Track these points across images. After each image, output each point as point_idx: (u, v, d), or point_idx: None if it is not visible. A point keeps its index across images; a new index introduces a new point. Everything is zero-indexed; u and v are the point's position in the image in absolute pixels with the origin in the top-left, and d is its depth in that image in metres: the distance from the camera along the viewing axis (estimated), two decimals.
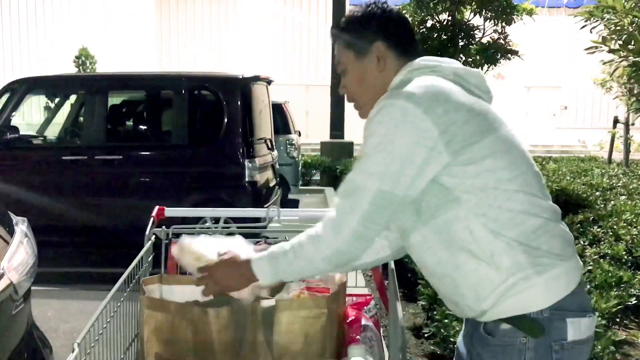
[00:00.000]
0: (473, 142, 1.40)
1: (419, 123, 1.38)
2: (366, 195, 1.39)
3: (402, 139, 1.38)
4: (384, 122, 1.41)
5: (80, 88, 6.58)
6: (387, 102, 1.42)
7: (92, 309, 5.26)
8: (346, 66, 1.60)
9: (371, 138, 1.42)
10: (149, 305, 1.70)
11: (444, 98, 1.42)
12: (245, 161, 6.03)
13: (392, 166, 1.38)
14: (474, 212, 1.39)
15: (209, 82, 6.37)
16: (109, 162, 6.13)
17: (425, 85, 1.44)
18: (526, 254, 1.38)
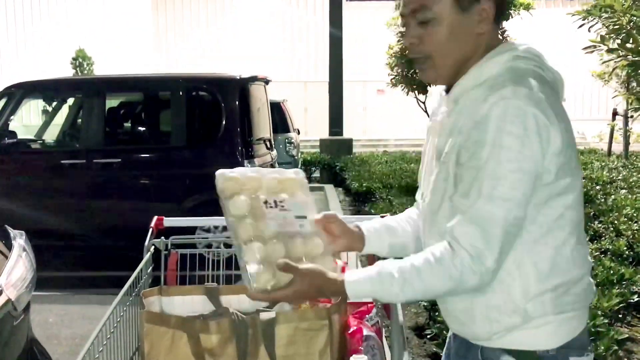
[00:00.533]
0: (570, 171, 1.28)
1: (547, 136, 1.23)
2: (501, 226, 1.22)
3: (535, 153, 1.22)
4: (517, 133, 1.21)
5: (78, 91, 6.57)
6: (516, 104, 1.22)
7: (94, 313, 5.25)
8: (437, 14, 1.31)
9: (501, 152, 1.21)
10: (148, 320, 1.69)
11: (561, 113, 1.29)
12: (245, 161, 6.02)
13: (528, 188, 1.23)
14: (531, 248, 1.28)
15: (207, 83, 6.36)
16: (107, 165, 6.12)
17: (545, 94, 1.26)
18: (555, 303, 1.30)
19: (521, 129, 1.20)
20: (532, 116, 1.21)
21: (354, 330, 1.76)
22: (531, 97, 1.23)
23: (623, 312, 3.74)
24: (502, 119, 1.21)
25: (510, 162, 1.20)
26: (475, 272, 1.23)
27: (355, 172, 9.63)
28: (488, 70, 1.31)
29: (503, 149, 1.21)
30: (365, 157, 11.96)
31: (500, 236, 1.22)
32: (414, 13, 1.34)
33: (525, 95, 1.23)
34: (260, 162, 6.31)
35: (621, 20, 2.49)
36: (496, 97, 1.23)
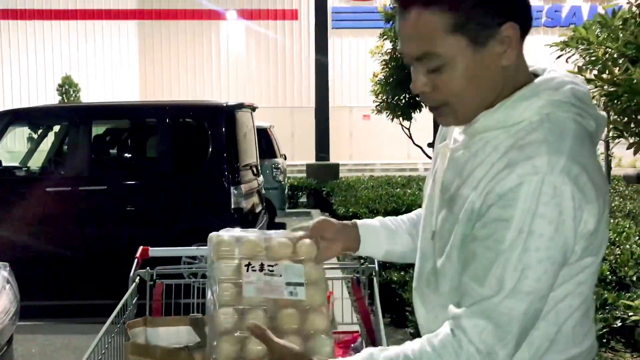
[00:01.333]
0: (597, 249, 1.10)
1: (580, 217, 1.04)
2: (521, 321, 1.05)
3: (569, 241, 1.04)
4: (551, 218, 1.01)
5: (64, 119, 6.58)
6: (551, 180, 1.01)
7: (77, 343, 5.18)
8: (448, 58, 1.07)
9: (531, 239, 1.02)
10: (133, 351, 1.69)
11: (601, 183, 1.08)
12: (231, 188, 6.04)
13: (553, 279, 1.05)
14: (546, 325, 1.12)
15: (193, 111, 6.41)
16: (93, 192, 6.11)
17: (585, 158, 1.05)
18: None
19: (556, 213, 1.01)
20: (570, 197, 1.01)
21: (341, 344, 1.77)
22: (570, 172, 1.02)
23: (607, 337, 3.77)
24: (534, 200, 1.01)
25: (539, 251, 1.02)
26: None
27: (341, 197, 9.67)
28: (518, 114, 1.09)
29: (533, 235, 1.01)
30: (352, 182, 12.01)
31: (517, 332, 1.04)
32: (420, 60, 1.10)
33: (563, 170, 1.01)
34: (247, 188, 6.34)
35: (597, 52, 2.57)
36: (528, 169, 1.02)
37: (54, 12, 22.71)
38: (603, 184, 1.09)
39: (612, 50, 2.48)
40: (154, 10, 23.65)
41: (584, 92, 1.13)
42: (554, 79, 1.12)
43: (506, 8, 1.07)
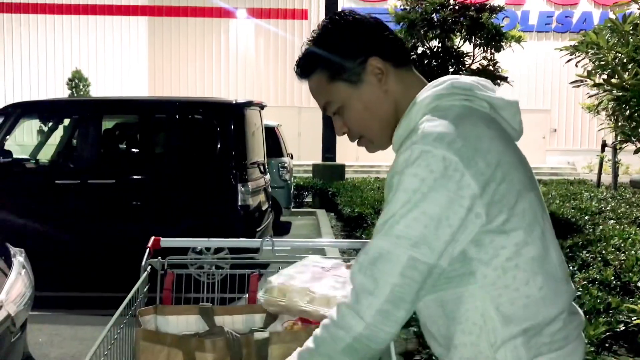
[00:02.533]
0: (508, 206, 1.18)
1: (459, 178, 1.13)
2: (395, 265, 1.13)
3: (440, 196, 1.13)
4: (421, 175, 1.14)
5: (74, 112, 6.63)
6: (424, 148, 1.15)
7: (85, 334, 5.24)
8: (340, 102, 1.32)
9: (401, 193, 1.15)
10: (144, 337, 1.73)
11: (486, 147, 1.18)
12: (238, 185, 6.07)
13: (428, 230, 1.13)
14: (488, 292, 1.18)
15: (203, 108, 6.44)
16: (102, 186, 6.16)
17: (465, 129, 1.18)
18: (527, 347, 1.19)
19: (426, 172, 1.14)
20: (441, 159, 1.14)
21: None
22: (442, 139, 1.15)
23: (610, 341, 3.79)
24: (408, 163, 1.16)
25: (409, 203, 1.14)
26: (357, 311, 1.13)
27: (347, 198, 9.70)
28: (415, 115, 1.26)
29: (406, 191, 1.14)
30: (358, 183, 12.05)
31: (392, 275, 1.13)
32: (327, 110, 1.35)
33: (436, 138, 1.15)
34: (254, 186, 6.37)
35: (607, 57, 2.59)
36: (408, 143, 1.19)
37: (65, 6, 22.84)
38: (492, 150, 1.18)
39: (622, 55, 2.50)
40: (165, 6, 23.74)
41: (466, 82, 1.28)
42: (437, 80, 1.29)
43: (361, 49, 1.29)
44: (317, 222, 10.06)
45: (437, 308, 1.22)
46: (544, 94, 24.01)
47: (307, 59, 1.33)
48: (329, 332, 1.17)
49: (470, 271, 1.18)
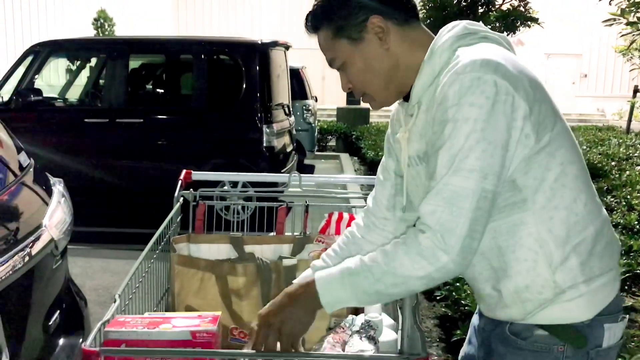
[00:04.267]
0: (549, 126, 1.21)
1: (512, 101, 1.15)
2: (471, 200, 1.14)
3: (499, 122, 1.15)
4: (478, 102, 1.14)
5: (102, 51, 6.67)
6: (474, 75, 1.15)
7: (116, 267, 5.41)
8: (343, 59, 1.35)
9: (462, 124, 1.15)
10: (179, 262, 1.83)
11: (525, 70, 1.22)
12: (264, 126, 6.12)
13: (494, 159, 1.15)
14: (540, 216, 1.22)
15: (229, 47, 6.43)
16: (129, 125, 6.25)
17: (502, 54, 1.21)
18: (582, 264, 1.24)
19: (482, 98, 1.14)
20: (493, 84, 1.15)
21: None
22: (488, 65, 1.16)
23: (629, 283, 3.84)
24: (461, 92, 1.16)
25: (474, 133, 1.14)
26: (444, 249, 1.14)
27: (371, 141, 9.70)
28: (439, 60, 1.26)
29: (467, 122, 1.15)
30: (382, 127, 12.00)
31: (469, 210, 1.14)
32: (333, 65, 1.39)
33: (482, 64, 1.16)
34: (279, 128, 6.41)
35: None
36: (452, 77, 1.18)
37: None
38: (524, 71, 1.21)
39: None
40: None
41: (476, 24, 1.32)
42: (446, 27, 1.32)
43: (362, 7, 1.30)
44: (340, 166, 10.12)
45: (490, 240, 1.25)
46: (575, 37, 23.30)
47: (314, 15, 1.38)
48: (402, 264, 1.17)
49: (521, 199, 1.22)
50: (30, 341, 1.77)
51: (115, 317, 1.36)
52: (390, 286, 1.20)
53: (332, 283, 1.24)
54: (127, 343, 1.26)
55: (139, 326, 1.30)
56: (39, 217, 1.86)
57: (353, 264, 1.23)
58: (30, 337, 1.77)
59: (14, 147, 2.01)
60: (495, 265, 1.28)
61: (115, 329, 1.28)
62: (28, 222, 1.81)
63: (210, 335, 1.27)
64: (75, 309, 2.09)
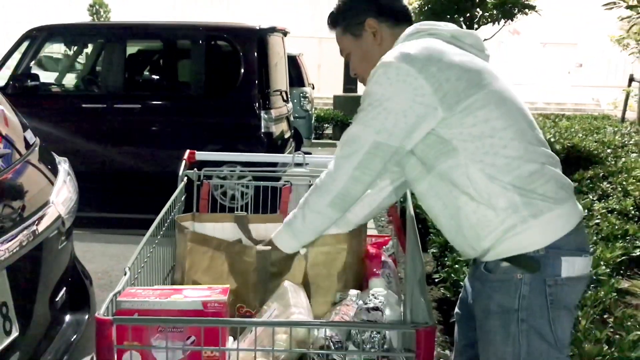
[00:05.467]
0: (467, 96, 1.49)
1: (412, 81, 1.48)
2: (363, 145, 1.53)
3: (397, 96, 1.49)
4: (380, 81, 1.52)
5: (100, 37, 6.64)
6: (381, 64, 1.53)
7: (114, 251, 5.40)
8: (348, 50, 1.75)
9: (368, 97, 1.54)
10: (192, 239, 1.84)
11: (437, 57, 1.51)
12: (262, 112, 6.12)
13: (387, 121, 1.50)
14: (471, 159, 1.49)
15: (227, 33, 6.41)
16: (127, 110, 6.24)
17: (420, 47, 1.53)
18: (521, 196, 1.48)
19: (384, 79, 1.51)
20: (395, 68, 1.49)
21: (372, 255, 1.91)
22: (396, 56, 1.51)
23: (625, 266, 3.89)
24: (373, 76, 1.55)
25: (375, 101, 1.52)
26: (337, 175, 1.56)
27: None
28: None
29: (371, 95, 1.54)
30: None
31: (360, 152, 1.53)
32: (343, 55, 1.79)
33: (393, 55, 1.52)
34: (277, 114, 6.41)
35: None
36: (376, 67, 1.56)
37: None
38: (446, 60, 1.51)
39: None
40: None
41: (428, 23, 1.67)
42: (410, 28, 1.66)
43: (361, 12, 1.70)
44: None
45: (438, 183, 1.55)
46: (571, 26, 23.29)
47: (331, 15, 1.78)
48: (315, 193, 1.61)
49: (452, 147, 1.51)
50: (38, 316, 1.79)
51: (127, 288, 1.38)
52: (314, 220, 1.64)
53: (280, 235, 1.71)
54: (139, 312, 1.29)
55: (150, 297, 1.32)
56: (45, 195, 1.87)
57: (288, 217, 1.69)
58: (38, 312, 1.79)
59: (19, 125, 2.02)
60: (447, 204, 1.56)
61: (128, 299, 1.30)
62: (35, 199, 1.82)
63: (221, 305, 1.30)
64: (81, 287, 2.11)
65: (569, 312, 1.54)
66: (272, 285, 1.68)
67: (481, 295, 1.58)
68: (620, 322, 2.63)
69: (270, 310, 1.45)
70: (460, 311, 1.81)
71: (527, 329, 1.49)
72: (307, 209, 1.62)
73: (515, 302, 1.49)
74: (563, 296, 1.50)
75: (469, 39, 1.65)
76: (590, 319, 2.60)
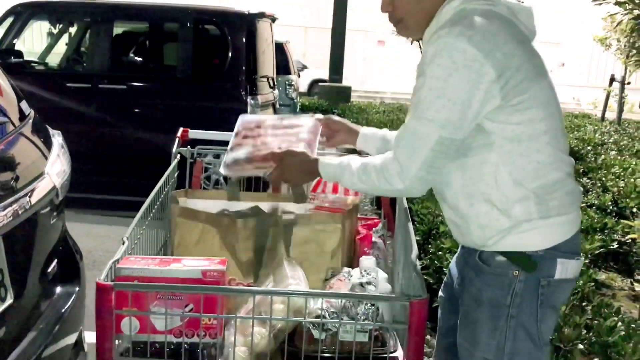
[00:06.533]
0: (523, 90, 1.42)
1: (478, 68, 1.38)
2: (427, 143, 1.41)
3: (462, 83, 1.38)
4: (445, 65, 1.38)
5: (86, 15, 6.56)
6: (448, 41, 1.39)
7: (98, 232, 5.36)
8: None
9: (430, 80, 1.40)
10: (181, 214, 1.86)
11: (502, 41, 1.42)
12: (248, 98, 6.10)
13: (453, 113, 1.39)
14: (503, 161, 1.44)
15: (216, 17, 6.37)
16: (112, 91, 6.18)
17: (485, 26, 1.42)
18: (539, 205, 1.45)
19: (449, 62, 1.38)
20: (461, 51, 1.37)
21: (363, 236, 1.94)
22: (463, 34, 1.39)
23: (603, 259, 3.99)
24: (434, 54, 1.41)
25: (436, 90, 1.39)
26: (402, 178, 1.46)
27: (353, 120, 9.73)
28: (444, 16, 1.50)
29: (432, 79, 1.40)
30: (364, 106, 12.05)
31: (426, 150, 1.42)
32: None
33: (458, 33, 1.39)
34: (263, 100, 6.40)
35: None
36: (435, 37, 1.44)
37: None
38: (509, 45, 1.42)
39: None
40: None
41: None
42: None
43: None
44: None
45: (458, 173, 1.50)
46: (554, 25, 23.53)
47: None
48: (373, 178, 1.51)
49: (489, 142, 1.45)
50: (31, 286, 1.80)
51: (125, 257, 1.40)
52: (367, 189, 1.58)
53: (329, 167, 1.62)
54: (139, 279, 1.31)
55: (150, 264, 1.34)
56: (40, 166, 1.87)
57: (347, 162, 1.58)
58: (31, 282, 1.80)
59: (14, 96, 2.01)
60: (460, 194, 1.52)
61: (128, 266, 1.32)
62: (30, 170, 1.82)
63: (220, 274, 1.32)
64: (71, 260, 2.12)
65: (555, 312, 1.56)
66: (266, 259, 1.71)
67: (472, 285, 1.56)
68: (597, 310, 2.71)
69: (266, 283, 1.48)
70: (444, 295, 1.80)
71: (515, 326, 1.50)
72: (364, 180, 1.53)
73: (507, 298, 1.49)
74: (553, 297, 1.51)
75: (523, 16, 1.54)
76: (569, 305, 2.68)
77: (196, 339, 1.31)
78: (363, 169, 1.53)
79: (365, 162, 1.55)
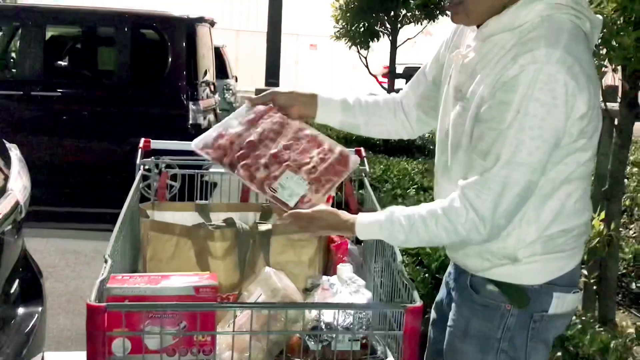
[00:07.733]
0: (590, 134, 1.30)
1: (573, 102, 1.22)
2: (515, 189, 1.25)
3: (559, 122, 1.22)
4: (545, 101, 1.20)
5: (16, 19, 6.28)
6: (549, 71, 1.19)
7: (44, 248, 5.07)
8: None
9: (525, 119, 1.20)
10: (153, 228, 1.81)
11: (593, 74, 1.28)
12: (189, 103, 6.02)
13: (545, 155, 1.24)
14: (538, 200, 1.32)
15: (155, 21, 6.24)
16: (46, 98, 5.94)
17: (581, 53, 1.25)
18: (544, 246, 1.35)
19: (549, 98, 1.19)
20: (563, 84, 1.19)
21: (339, 243, 1.96)
22: (564, 62, 1.20)
23: None
24: (531, 86, 1.20)
25: (532, 130, 1.20)
26: (481, 233, 1.28)
27: None
28: (522, 17, 1.28)
29: (528, 116, 1.20)
30: None
31: (511, 199, 1.25)
32: None
33: (558, 61, 1.20)
34: (205, 105, 6.32)
35: None
36: (528, 60, 1.21)
37: None
38: (594, 76, 1.28)
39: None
40: None
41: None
42: None
43: None
44: None
45: None
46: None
47: None
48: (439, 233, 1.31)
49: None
50: None
51: (111, 276, 1.36)
52: (418, 244, 1.38)
53: (372, 227, 1.38)
54: (130, 299, 1.27)
55: (139, 283, 1.31)
56: (2, 182, 1.79)
57: (394, 221, 1.34)
58: None
59: None
60: None
61: (118, 286, 1.28)
62: None
63: (213, 290, 1.31)
64: (33, 279, 2.03)
65: (546, 347, 1.44)
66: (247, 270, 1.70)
67: (460, 313, 1.46)
68: None
69: (256, 295, 1.47)
70: (436, 314, 1.66)
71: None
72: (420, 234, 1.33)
73: (498, 332, 1.39)
74: (545, 331, 1.41)
75: (597, 30, 1.35)
76: None
77: (190, 356, 1.29)
78: (422, 221, 1.32)
79: (422, 213, 1.33)
